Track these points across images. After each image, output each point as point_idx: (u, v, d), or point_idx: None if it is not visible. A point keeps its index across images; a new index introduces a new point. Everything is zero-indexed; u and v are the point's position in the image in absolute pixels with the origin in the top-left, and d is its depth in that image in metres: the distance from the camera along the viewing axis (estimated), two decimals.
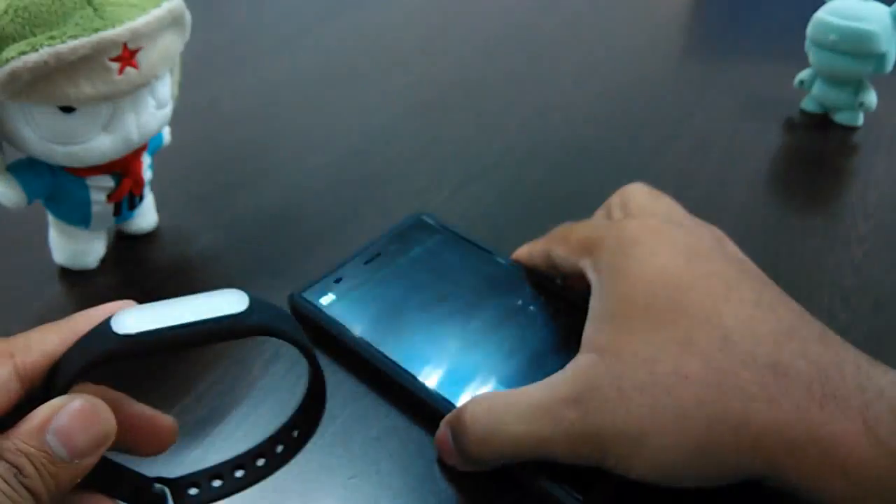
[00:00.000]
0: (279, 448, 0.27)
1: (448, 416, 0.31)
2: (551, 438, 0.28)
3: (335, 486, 0.31)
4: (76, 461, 0.22)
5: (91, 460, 0.22)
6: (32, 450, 0.21)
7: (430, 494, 0.30)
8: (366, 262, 0.39)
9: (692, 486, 0.27)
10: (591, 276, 0.32)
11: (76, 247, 0.40)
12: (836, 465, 0.24)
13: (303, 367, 0.36)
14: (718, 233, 0.34)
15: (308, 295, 0.37)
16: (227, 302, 0.23)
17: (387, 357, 0.34)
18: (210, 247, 0.43)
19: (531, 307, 0.36)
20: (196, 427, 0.33)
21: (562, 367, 0.29)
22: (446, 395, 0.32)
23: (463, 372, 0.33)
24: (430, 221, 0.41)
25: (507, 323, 0.35)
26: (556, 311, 0.36)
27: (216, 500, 0.26)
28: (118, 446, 0.24)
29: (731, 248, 0.33)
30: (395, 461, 0.31)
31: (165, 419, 0.26)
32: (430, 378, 0.33)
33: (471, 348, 0.34)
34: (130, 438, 0.25)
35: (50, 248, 0.41)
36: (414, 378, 0.33)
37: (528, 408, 0.28)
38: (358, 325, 0.35)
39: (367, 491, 0.30)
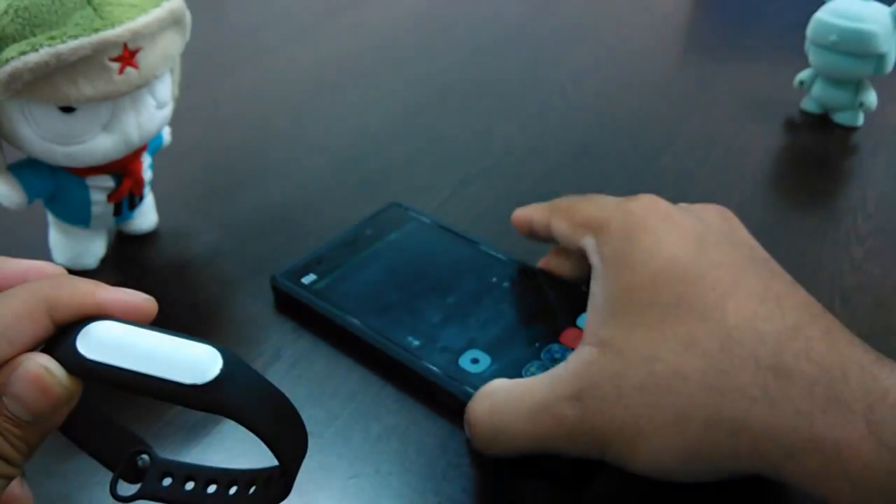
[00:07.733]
0: (251, 489, 0.25)
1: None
2: (554, 436, 0.28)
3: (335, 486, 0.30)
4: (41, 422, 0.21)
5: (57, 419, 0.22)
6: None
7: (431, 494, 0.30)
8: (345, 246, 0.40)
9: (691, 481, 0.27)
10: (594, 259, 0.31)
11: (76, 247, 0.40)
12: (839, 469, 0.24)
13: (303, 367, 0.36)
14: (728, 213, 0.33)
15: (289, 275, 0.38)
16: (198, 362, 0.21)
17: (369, 328, 0.35)
18: (210, 247, 0.43)
19: (505, 283, 0.37)
20: (196, 427, 0.33)
21: (543, 334, 0.33)
22: (429, 362, 0.33)
23: (446, 339, 0.34)
24: (405, 208, 0.43)
25: (486, 296, 0.37)
26: (531, 286, 0.37)
27: (181, 502, 0.25)
28: None
29: (741, 231, 0.32)
30: (395, 461, 0.31)
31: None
32: (413, 345, 0.34)
33: (452, 318, 0.35)
34: None
35: (50, 248, 0.41)
36: (397, 345, 0.34)
37: (530, 408, 0.28)
38: (340, 301, 0.36)
39: (367, 491, 0.30)
